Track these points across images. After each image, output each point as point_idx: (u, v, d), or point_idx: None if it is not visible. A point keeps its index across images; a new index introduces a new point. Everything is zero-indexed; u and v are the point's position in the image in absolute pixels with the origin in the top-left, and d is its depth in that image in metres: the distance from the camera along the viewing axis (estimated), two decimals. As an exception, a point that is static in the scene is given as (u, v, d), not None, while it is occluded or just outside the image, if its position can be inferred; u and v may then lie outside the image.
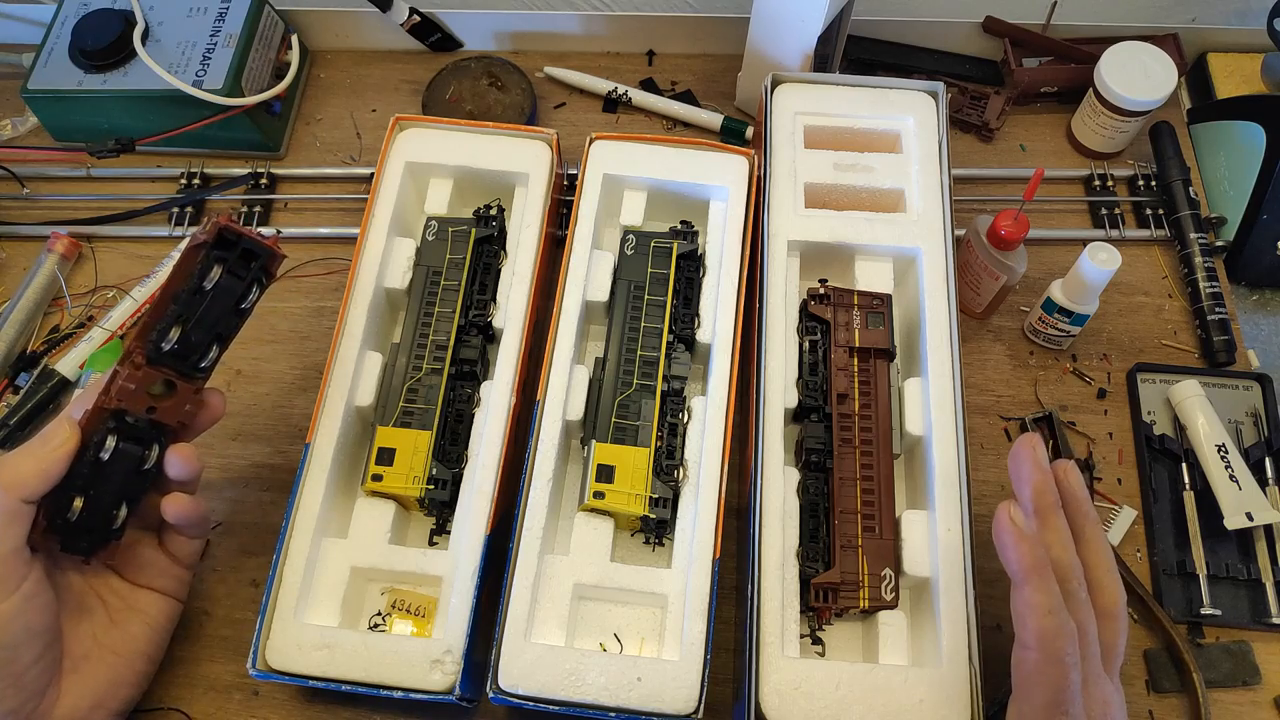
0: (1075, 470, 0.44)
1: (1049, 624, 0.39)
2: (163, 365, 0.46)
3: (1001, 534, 0.41)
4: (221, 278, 0.46)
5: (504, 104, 0.73)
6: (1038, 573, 0.40)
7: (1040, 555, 0.40)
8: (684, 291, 0.58)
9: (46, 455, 0.43)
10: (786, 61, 0.67)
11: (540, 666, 0.47)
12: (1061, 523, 0.43)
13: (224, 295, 0.47)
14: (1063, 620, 0.39)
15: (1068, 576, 0.41)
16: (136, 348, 0.45)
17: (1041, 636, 0.39)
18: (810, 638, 0.52)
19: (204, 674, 0.55)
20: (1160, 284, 0.67)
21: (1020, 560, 0.40)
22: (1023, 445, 0.43)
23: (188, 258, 0.45)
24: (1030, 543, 0.40)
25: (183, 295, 0.45)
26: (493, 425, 0.54)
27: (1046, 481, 0.43)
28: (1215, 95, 0.74)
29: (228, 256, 0.46)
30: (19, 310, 0.65)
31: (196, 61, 0.68)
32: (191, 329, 0.46)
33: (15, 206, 0.72)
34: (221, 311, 0.47)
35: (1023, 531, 0.41)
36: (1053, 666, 0.39)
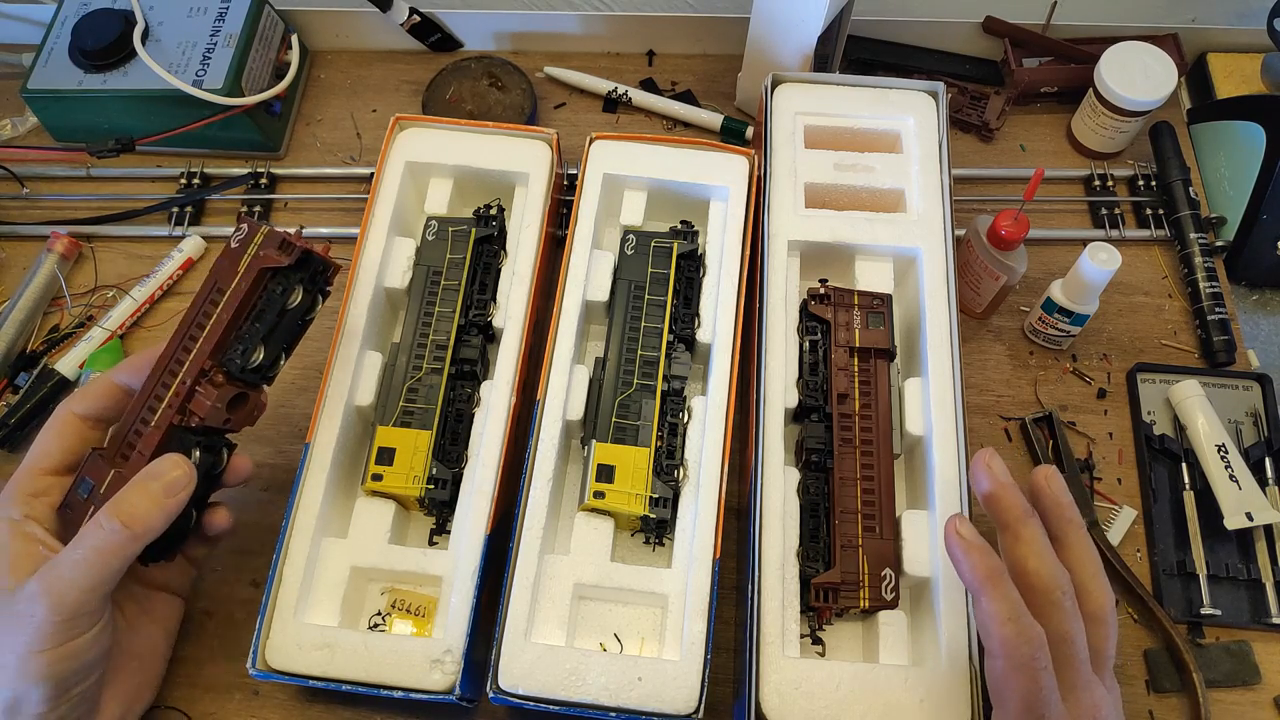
0: (1056, 475, 0.44)
1: (1009, 631, 0.39)
2: (239, 380, 0.47)
3: (951, 548, 0.41)
4: (304, 298, 0.48)
5: (504, 104, 0.73)
6: (991, 581, 0.39)
7: (993, 564, 0.40)
8: (684, 291, 0.58)
9: (168, 504, 0.44)
10: (786, 61, 0.67)
11: (540, 666, 0.47)
12: (1033, 532, 0.42)
13: (298, 311, 0.49)
14: (1024, 626, 0.39)
15: (1048, 586, 0.40)
16: (214, 366, 0.46)
17: (1005, 644, 0.39)
18: (810, 638, 0.52)
19: (204, 674, 0.55)
20: (1160, 284, 0.67)
21: (973, 570, 0.40)
22: (979, 461, 0.43)
23: (260, 276, 0.47)
24: (980, 552, 0.40)
25: (267, 315, 0.48)
26: (493, 425, 0.54)
27: (1006, 494, 0.42)
28: (1215, 95, 0.74)
29: (304, 275, 0.48)
30: (19, 310, 0.65)
31: (196, 61, 0.68)
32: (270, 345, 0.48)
33: (15, 206, 0.72)
34: (292, 325, 0.49)
35: (971, 542, 0.40)
36: (1020, 673, 0.39)
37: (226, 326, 0.46)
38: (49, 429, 0.47)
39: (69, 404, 0.47)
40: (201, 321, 0.47)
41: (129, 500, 0.43)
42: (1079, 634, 0.41)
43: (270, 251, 0.47)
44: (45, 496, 0.46)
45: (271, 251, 0.47)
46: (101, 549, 0.42)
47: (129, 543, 0.42)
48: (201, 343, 0.46)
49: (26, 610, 0.40)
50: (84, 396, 0.48)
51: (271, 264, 0.47)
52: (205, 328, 0.46)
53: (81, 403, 0.47)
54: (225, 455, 0.48)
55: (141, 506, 0.43)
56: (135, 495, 0.43)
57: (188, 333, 0.47)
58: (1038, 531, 0.42)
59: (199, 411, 0.46)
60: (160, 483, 0.43)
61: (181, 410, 0.46)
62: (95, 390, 0.48)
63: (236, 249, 0.47)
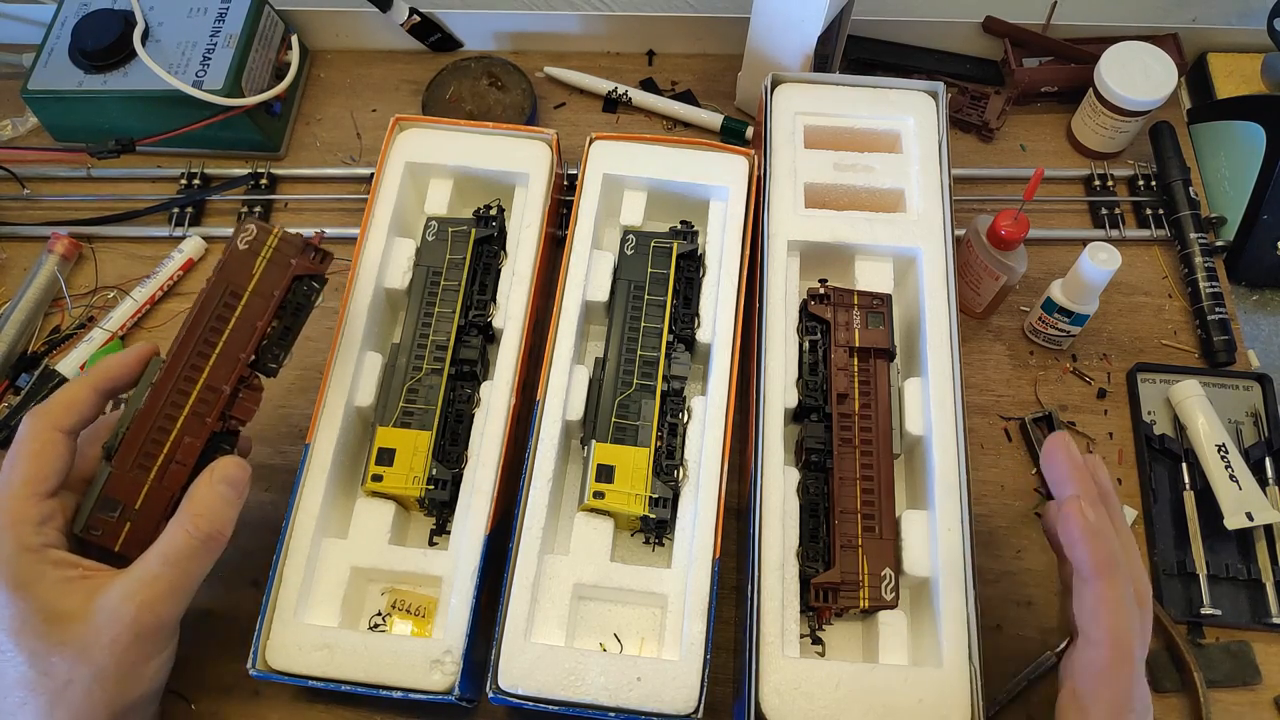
0: (1103, 465, 0.44)
1: (1122, 621, 0.38)
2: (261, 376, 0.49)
3: (1072, 528, 0.39)
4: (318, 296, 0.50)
5: (504, 104, 0.73)
6: (1110, 567, 0.39)
7: (1111, 549, 0.39)
8: (684, 291, 0.58)
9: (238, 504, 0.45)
10: (786, 61, 0.67)
11: (540, 666, 0.47)
12: (1107, 517, 0.41)
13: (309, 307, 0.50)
14: (1133, 617, 0.38)
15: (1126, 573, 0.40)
16: (250, 373, 0.48)
17: (1115, 634, 0.38)
18: (810, 638, 0.52)
19: (204, 674, 0.55)
20: (1160, 284, 0.67)
21: (1094, 555, 0.39)
22: (1057, 444, 0.42)
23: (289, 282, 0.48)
24: (1102, 537, 0.39)
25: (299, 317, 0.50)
26: (493, 425, 0.54)
27: (1089, 478, 0.42)
28: (1215, 95, 0.74)
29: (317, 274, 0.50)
30: (19, 311, 0.65)
31: (196, 62, 0.68)
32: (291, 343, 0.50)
33: (15, 207, 0.72)
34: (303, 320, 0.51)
35: (1095, 527, 0.39)
36: (1125, 665, 0.38)
37: (263, 332, 0.47)
38: (35, 449, 0.43)
39: (49, 419, 0.44)
40: (218, 325, 0.47)
41: (209, 505, 0.43)
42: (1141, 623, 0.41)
43: (302, 259, 0.48)
44: (52, 522, 0.43)
45: (304, 259, 0.48)
46: (186, 554, 0.42)
47: (215, 549, 0.43)
48: (233, 349, 0.47)
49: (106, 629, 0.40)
50: (68, 411, 0.44)
51: (306, 272, 0.48)
52: (224, 332, 0.47)
53: (66, 417, 0.44)
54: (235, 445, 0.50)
55: (220, 510, 0.43)
56: (213, 499, 0.43)
57: (202, 336, 0.46)
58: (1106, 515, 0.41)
59: (245, 417, 0.47)
60: (230, 485, 0.44)
61: (222, 417, 0.47)
62: (77, 401, 0.45)
63: (247, 251, 0.47)
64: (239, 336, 0.47)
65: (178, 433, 0.45)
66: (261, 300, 0.47)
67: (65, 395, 0.45)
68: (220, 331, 0.47)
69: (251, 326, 0.47)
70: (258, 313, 0.47)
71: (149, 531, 0.45)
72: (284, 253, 0.48)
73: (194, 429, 0.46)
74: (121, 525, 0.45)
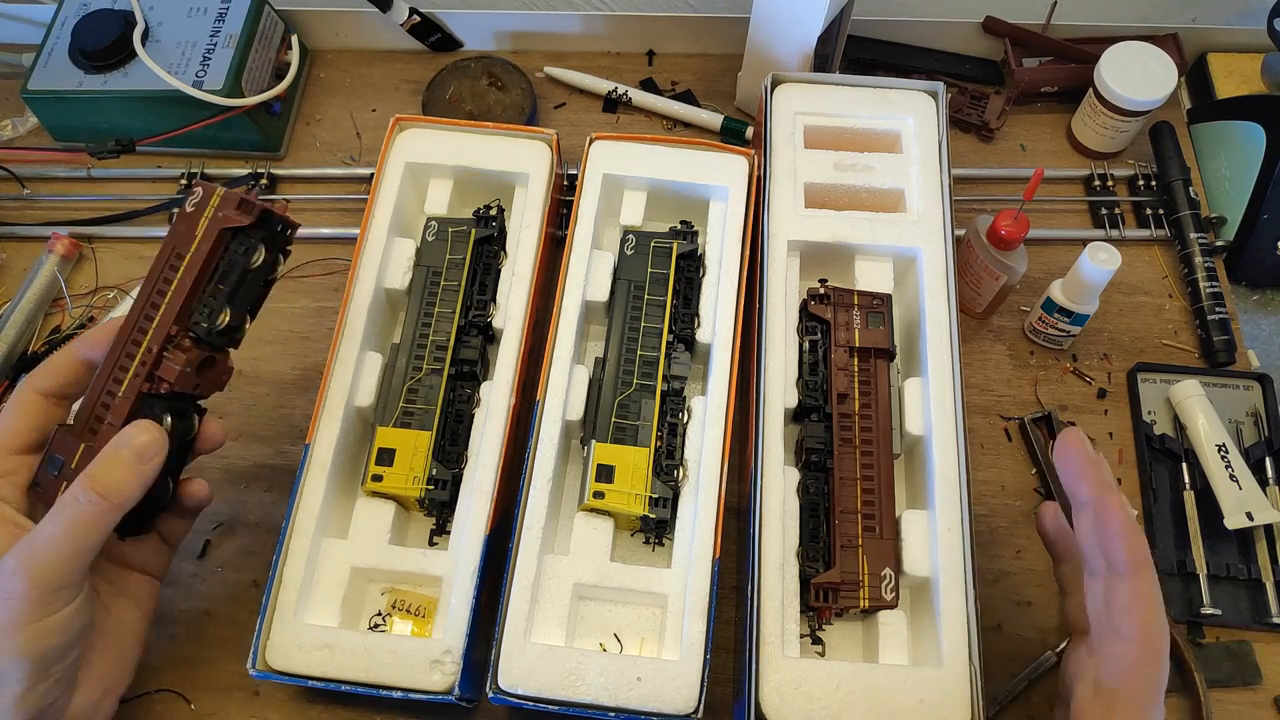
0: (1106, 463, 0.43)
1: (1156, 617, 0.38)
2: (206, 344, 0.47)
3: (1111, 523, 0.39)
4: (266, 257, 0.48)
5: (504, 104, 0.73)
6: (1147, 563, 0.39)
7: (1145, 546, 0.39)
8: (684, 291, 0.58)
9: (143, 470, 0.43)
10: (786, 61, 0.67)
11: (540, 666, 0.47)
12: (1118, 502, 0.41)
13: (261, 272, 0.48)
14: (1163, 613, 0.38)
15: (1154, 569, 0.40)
16: (180, 331, 0.46)
17: (1148, 629, 0.38)
18: (810, 638, 0.52)
19: (204, 674, 0.55)
20: (1160, 284, 0.67)
21: (1129, 550, 0.38)
22: (1071, 440, 0.42)
23: (221, 237, 0.46)
24: (1138, 533, 0.39)
25: (230, 276, 0.47)
26: (493, 425, 0.54)
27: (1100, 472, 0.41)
28: (1215, 95, 0.74)
29: (265, 234, 0.47)
30: (20, 311, 0.65)
31: (196, 62, 0.68)
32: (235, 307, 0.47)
33: (15, 207, 0.72)
34: (256, 286, 0.49)
35: (1131, 521, 0.39)
36: (1155, 660, 0.38)
37: (190, 290, 0.45)
38: (11, 407, 0.46)
39: (30, 381, 0.46)
40: (162, 288, 0.46)
41: (102, 470, 0.42)
42: None
43: (229, 212, 0.46)
44: (13, 476, 0.45)
45: (231, 212, 0.46)
46: (78, 520, 0.41)
47: (106, 513, 0.42)
48: (165, 308, 0.45)
49: (4, 586, 0.40)
50: (45, 373, 0.46)
51: (232, 224, 0.46)
52: (167, 294, 0.46)
53: (44, 379, 0.46)
54: (196, 421, 0.48)
55: (115, 475, 0.42)
56: (108, 464, 0.42)
57: (149, 300, 0.46)
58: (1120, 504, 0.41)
59: (168, 377, 0.45)
60: (131, 449, 0.43)
61: (150, 378, 0.45)
62: (57, 365, 0.47)
63: (193, 213, 0.46)
64: (173, 300, 0.46)
65: (120, 394, 0.45)
66: (198, 260, 0.46)
67: (49, 360, 0.47)
68: (164, 294, 0.46)
69: (184, 289, 0.45)
70: (191, 273, 0.46)
71: None
72: (222, 209, 0.46)
73: (129, 390, 0.45)
74: (60, 484, 0.44)
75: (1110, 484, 0.41)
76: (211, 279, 0.47)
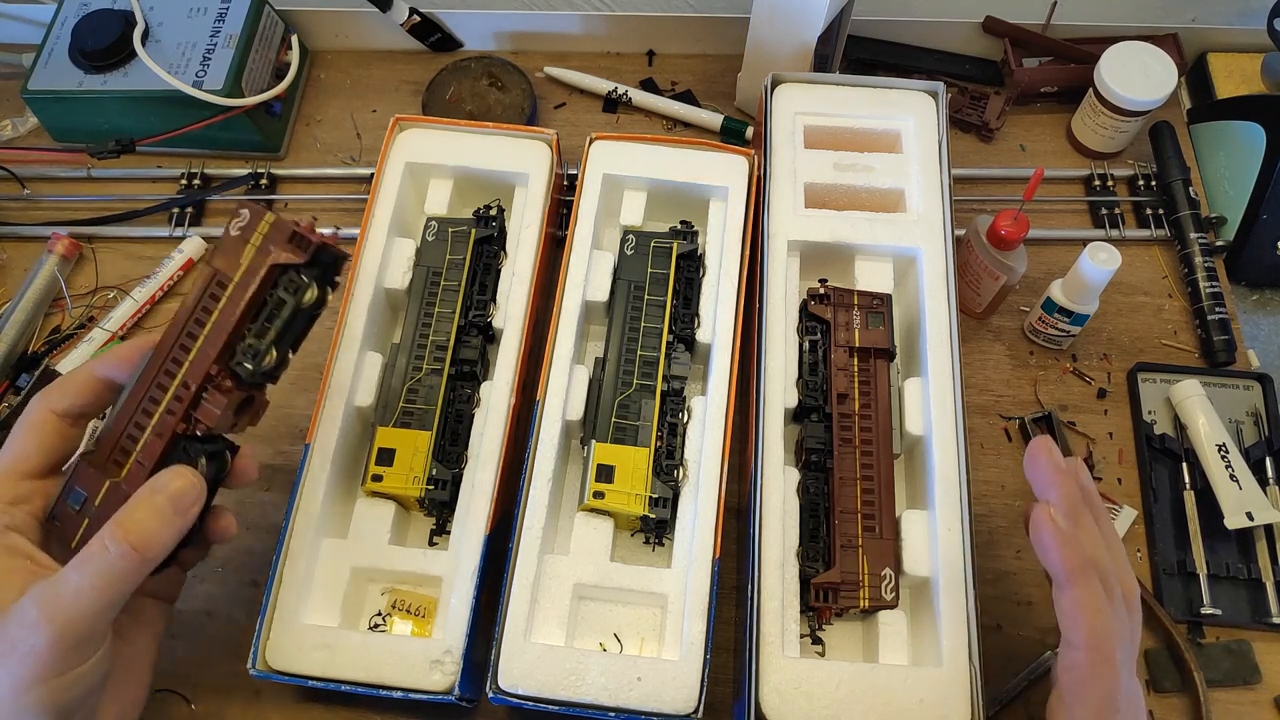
0: (1085, 467, 0.44)
1: (1099, 623, 0.38)
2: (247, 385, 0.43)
3: (1043, 535, 0.40)
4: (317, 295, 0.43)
5: (504, 104, 0.73)
6: (1083, 572, 0.39)
7: (1083, 554, 0.40)
8: (684, 291, 0.58)
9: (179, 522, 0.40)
10: (786, 61, 0.67)
11: (540, 666, 0.47)
12: (1091, 521, 0.42)
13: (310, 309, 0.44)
14: (1110, 620, 0.39)
15: (1107, 575, 0.40)
16: (220, 371, 0.42)
17: (1093, 636, 0.38)
18: (810, 638, 0.52)
19: (204, 674, 0.55)
20: (1160, 284, 0.67)
21: (1065, 561, 0.39)
22: (1039, 449, 0.42)
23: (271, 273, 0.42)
24: (1073, 542, 0.40)
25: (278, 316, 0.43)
26: (493, 425, 0.54)
27: (1071, 481, 0.42)
28: (1215, 95, 0.74)
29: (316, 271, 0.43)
30: (20, 311, 0.65)
31: (196, 62, 0.68)
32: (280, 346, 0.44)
33: (15, 207, 0.72)
34: (302, 322, 0.45)
35: (1064, 531, 0.40)
36: (1106, 667, 0.38)
37: (234, 328, 0.42)
38: (25, 428, 0.43)
39: (46, 400, 0.43)
40: (201, 318, 0.42)
41: (137, 519, 0.39)
42: (1126, 623, 0.41)
43: (281, 247, 0.42)
44: (26, 504, 0.42)
45: (282, 247, 0.42)
46: (108, 574, 0.38)
47: (138, 567, 0.39)
48: (206, 345, 0.42)
49: (25, 638, 0.37)
50: (64, 392, 0.43)
51: (287, 261, 0.42)
52: (206, 325, 0.42)
53: (61, 399, 0.43)
54: (229, 458, 0.45)
55: (149, 526, 0.39)
56: (143, 513, 0.40)
57: (185, 329, 0.42)
58: (1092, 520, 0.42)
59: (207, 420, 0.42)
60: (168, 498, 0.40)
61: (186, 418, 0.42)
62: (76, 385, 0.44)
63: (238, 237, 0.42)
64: (214, 334, 0.42)
65: (150, 431, 0.42)
66: (243, 292, 0.42)
67: (67, 379, 0.44)
68: (203, 325, 0.42)
69: (227, 323, 0.42)
70: (235, 305, 0.42)
71: None
72: (271, 239, 0.42)
73: (161, 429, 0.42)
74: (81, 520, 0.42)
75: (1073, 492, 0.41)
76: (257, 316, 0.43)
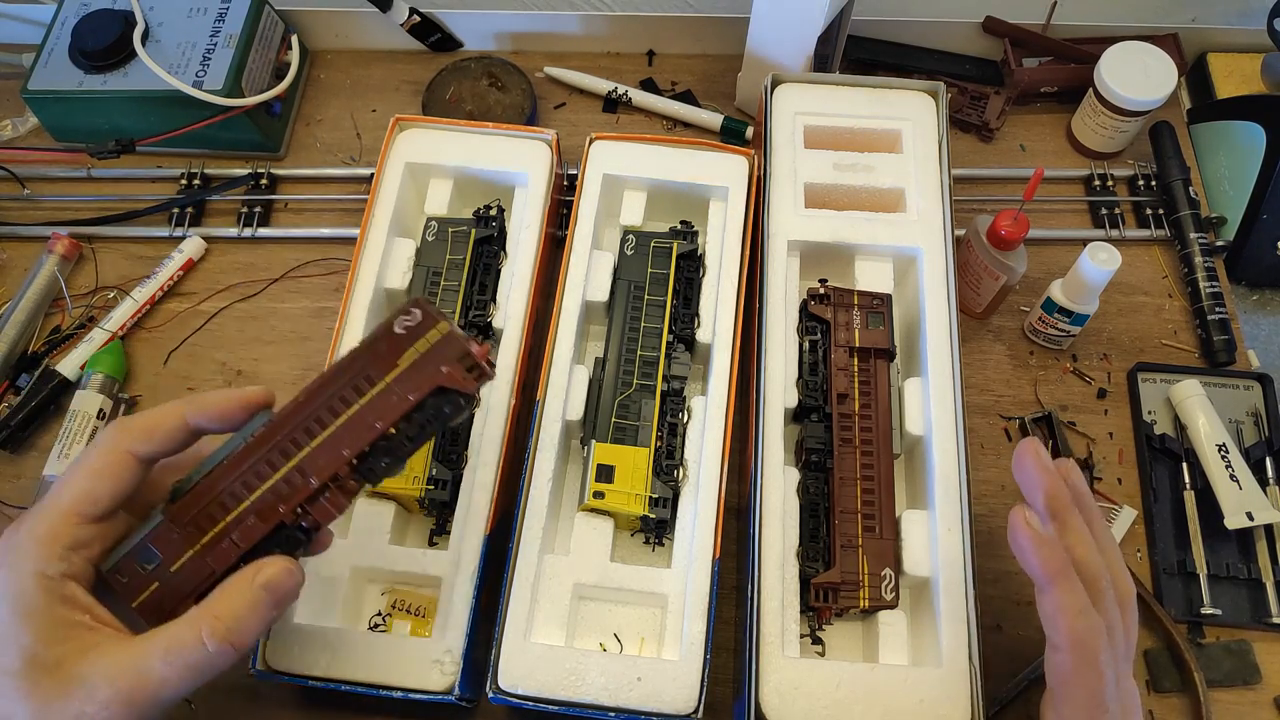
0: (1076, 468, 0.44)
1: (1081, 625, 0.39)
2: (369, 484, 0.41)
3: (1019, 539, 0.40)
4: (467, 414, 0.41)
5: (504, 104, 0.73)
6: (1063, 574, 0.39)
7: (1062, 557, 0.40)
8: (684, 291, 0.58)
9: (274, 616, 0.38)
10: (786, 61, 0.67)
11: (540, 666, 0.47)
12: (1080, 522, 0.42)
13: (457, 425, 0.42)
14: (1093, 621, 0.39)
15: (1096, 576, 0.41)
16: (348, 473, 0.39)
17: (1074, 638, 0.39)
18: (810, 638, 0.52)
19: (204, 674, 0.55)
20: (1160, 284, 0.67)
21: (1043, 564, 0.39)
22: (1026, 451, 0.43)
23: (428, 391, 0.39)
24: (1050, 545, 0.40)
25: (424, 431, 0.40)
26: (493, 425, 0.54)
27: (1058, 483, 0.42)
28: (1215, 95, 0.74)
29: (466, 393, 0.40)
30: (20, 311, 0.65)
31: (196, 62, 0.68)
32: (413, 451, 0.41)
33: (15, 207, 0.72)
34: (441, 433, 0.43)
35: (1040, 534, 0.40)
36: (1089, 668, 0.39)
37: (379, 434, 0.39)
38: (97, 467, 0.38)
39: (126, 439, 0.39)
40: (336, 407, 0.39)
41: (236, 614, 0.37)
42: (1119, 624, 0.41)
43: (454, 370, 0.39)
44: (87, 550, 0.38)
45: (456, 371, 0.39)
46: (199, 668, 0.36)
47: (228, 659, 0.37)
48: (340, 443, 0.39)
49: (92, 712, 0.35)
50: (150, 436, 0.39)
51: (453, 385, 0.39)
52: (341, 418, 0.39)
53: (146, 443, 0.39)
54: None
55: (249, 623, 0.37)
56: (243, 609, 0.37)
57: (314, 413, 0.39)
58: (1080, 521, 0.42)
59: (323, 519, 0.39)
60: (270, 593, 0.37)
61: (297, 509, 0.39)
62: (164, 431, 0.39)
63: (402, 337, 0.39)
64: (354, 429, 0.39)
65: (246, 507, 0.39)
66: (393, 399, 0.39)
67: (151, 417, 0.40)
68: (336, 414, 0.39)
69: (370, 424, 0.39)
70: (382, 411, 0.39)
71: (173, 604, 0.39)
72: (440, 353, 0.39)
73: (264, 511, 0.39)
74: (149, 582, 0.39)
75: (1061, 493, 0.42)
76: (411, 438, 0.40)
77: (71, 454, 0.60)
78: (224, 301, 0.68)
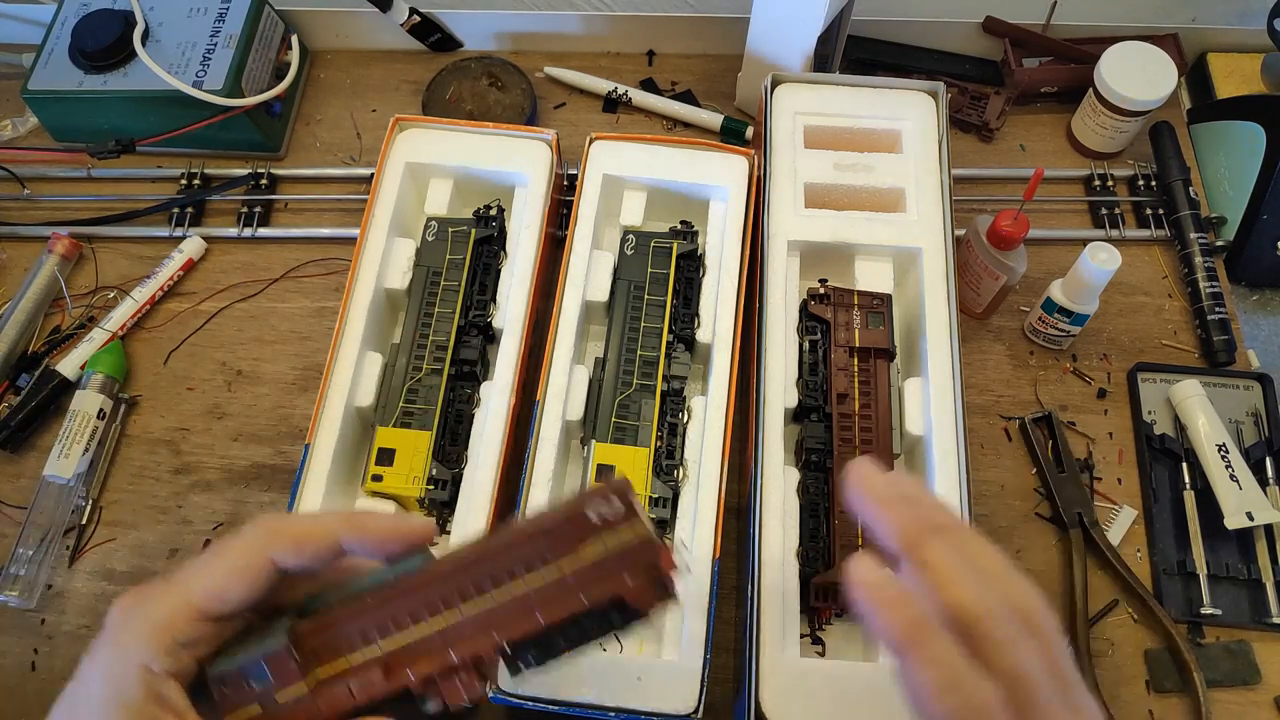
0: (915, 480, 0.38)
1: (951, 703, 0.29)
2: None
3: (857, 597, 0.32)
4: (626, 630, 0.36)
5: (504, 104, 0.73)
6: (917, 639, 0.30)
7: (914, 615, 0.31)
8: (684, 291, 0.58)
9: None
10: (786, 61, 0.67)
11: (540, 666, 0.47)
12: (940, 552, 0.32)
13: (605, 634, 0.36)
14: (969, 693, 0.29)
15: (978, 615, 0.31)
16: (492, 658, 0.34)
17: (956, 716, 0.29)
18: (810, 637, 0.52)
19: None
20: (1160, 284, 0.67)
21: (891, 627, 0.31)
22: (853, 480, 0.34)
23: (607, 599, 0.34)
24: (896, 602, 0.31)
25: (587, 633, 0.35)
26: (493, 425, 0.54)
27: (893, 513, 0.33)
28: (1215, 95, 0.74)
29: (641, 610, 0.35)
30: (20, 311, 0.65)
31: (196, 62, 0.68)
32: None
33: (16, 207, 0.72)
34: None
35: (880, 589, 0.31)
36: None
37: (537, 628, 0.34)
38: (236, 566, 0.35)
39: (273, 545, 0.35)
40: (499, 577, 0.34)
41: None
42: (1033, 664, 0.31)
43: (639, 582, 0.33)
44: (194, 648, 0.35)
45: (641, 584, 0.33)
46: None
47: None
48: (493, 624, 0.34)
49: None
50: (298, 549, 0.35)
51: (632, 600, 0.33)
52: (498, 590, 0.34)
53: (294, 556, 0.35)
54: None
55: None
56: None
57: (472, 577, 0.34)
58: (946, 549, 0.32)
59: (450, 700, 0.34)
60: None
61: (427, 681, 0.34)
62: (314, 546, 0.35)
63: (594, 525, 0.34)
64: (514, 611, 0.34)
65: (376, 657, 0.34)
66: (564, 593, 0.34)
67: (303, 526, 0.36)
68: (498, 584, 0.34)
69: (531, 612, 0.34)
70: (549, 602, 0.34)
71: None
72: (629, 558, 0.34)
73: (392, 668, 0.34)
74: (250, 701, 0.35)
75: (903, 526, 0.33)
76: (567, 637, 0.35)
77: (71, 454, 0.60)
78: (224, 301, 0.68)
